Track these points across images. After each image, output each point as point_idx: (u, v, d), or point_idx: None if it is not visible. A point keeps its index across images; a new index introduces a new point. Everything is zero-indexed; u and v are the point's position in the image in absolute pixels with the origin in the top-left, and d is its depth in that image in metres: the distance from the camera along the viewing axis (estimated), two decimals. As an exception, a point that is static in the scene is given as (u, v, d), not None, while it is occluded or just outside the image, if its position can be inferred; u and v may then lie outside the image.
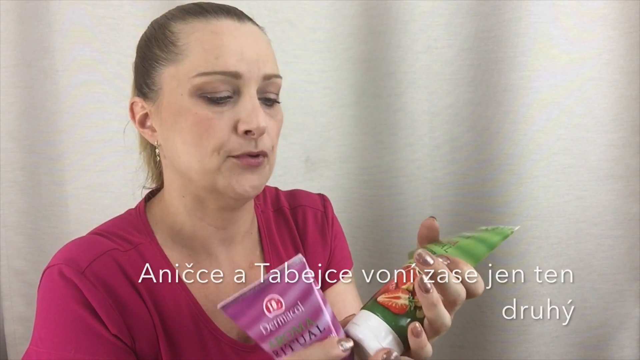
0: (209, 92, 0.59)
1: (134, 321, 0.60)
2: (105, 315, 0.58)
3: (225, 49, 0.59)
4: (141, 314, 0.61)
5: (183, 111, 0.60)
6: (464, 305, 1.24)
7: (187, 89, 0.60)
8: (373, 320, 0.52)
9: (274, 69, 0.63)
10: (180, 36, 0.61)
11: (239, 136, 0.60)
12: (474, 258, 0.54)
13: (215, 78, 0.59)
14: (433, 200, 1.09)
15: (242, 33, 0.61)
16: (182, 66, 0.60)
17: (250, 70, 0.60)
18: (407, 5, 1.02)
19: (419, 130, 1.07)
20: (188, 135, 0.60)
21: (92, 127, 1.04)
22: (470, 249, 0.55)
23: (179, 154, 0.62)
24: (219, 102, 0.60)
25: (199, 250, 0.67)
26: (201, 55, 0.59)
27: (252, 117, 0.59)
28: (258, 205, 0.75)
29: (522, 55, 1.00)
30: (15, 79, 1.03)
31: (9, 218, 1.07)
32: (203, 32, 0.60)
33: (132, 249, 0.63)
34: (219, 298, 0.66)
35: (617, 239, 1.07)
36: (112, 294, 0.59)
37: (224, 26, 0.61)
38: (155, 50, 0.63)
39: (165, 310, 0.62)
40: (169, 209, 0.67)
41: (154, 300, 0.62)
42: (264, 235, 0.73)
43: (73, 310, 0.57)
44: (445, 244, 0.56)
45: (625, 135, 1.04)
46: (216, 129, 0.59)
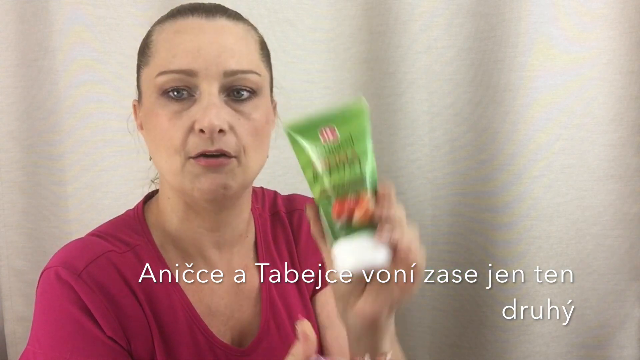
0: (169, 90, 0.59)
1: (130, 323, 0.60)
2: (101, 318, 0.58)
3: (182, 47, 0.59)
4: (137, 317, 0.61)
5: (150, 112, 0.61)
6: (464, 305, 1.24)
7: (152, 89, 0.60)
8: None
9: (241, 65, 0.60)
10: (152, 39, 0.63)
11: (196, 135, 0.58)
12: None
13: (172, 77, 0.59)
14: (433, 200, 1.09)
15: (205, 30, 0.60)
16: (149, 68, 0.61)
17: (207, 67, 0.58)
18: (407, 5, 1.02)
19: (419, 130, 1.07)
20: (155, 137, 0.61)
21: (92, 127, 1.04)
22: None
23: (153, 155, 0.63)
24: (179, 101, 0.59)
25: (193, 253, 0.67)
26: (162, 55, 0.60)
27: (204, 116, 0.57)
28: (256, 209, 0.75)
29: (522, 55, 1.00)
30: (15, 79, 1.03)
31: (9, 218, 1.07)
32: (168, 32, 0.61)
33: (129, 251, 0.63)
34: (212, 301, 0.66)
35: (617, 239, 1.07)
36: (109, 296, 0.59)
37: (187, 24, 0.61)
38: (139, 55, 0.65)
39: (161, 312, 0.62)
40: (162, 211, 0.67)
41: (150, 303, 0.62)
42: (259, 239, 0.73)
43: (69, 312, 0.58)
44: None
45: (625, 135, 1.04)
46: (173, 130, 0.59)
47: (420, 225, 1.16)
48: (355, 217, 0.51)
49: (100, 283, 0.59)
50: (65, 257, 0.61)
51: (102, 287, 0.59)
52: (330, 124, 0.53)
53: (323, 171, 0.53)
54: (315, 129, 0.53)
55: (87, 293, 0.58)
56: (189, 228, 0.66)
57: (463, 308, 1.11)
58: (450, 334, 1.13)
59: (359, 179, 0.52)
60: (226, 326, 0.67)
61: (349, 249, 0.51)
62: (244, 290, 0.69)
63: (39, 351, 0.58)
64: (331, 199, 0.53)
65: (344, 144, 0.53)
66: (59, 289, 0.58)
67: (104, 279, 0.59)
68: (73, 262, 0.59)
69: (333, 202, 0.52)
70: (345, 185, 0.52)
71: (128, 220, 0.67)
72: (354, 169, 0.52)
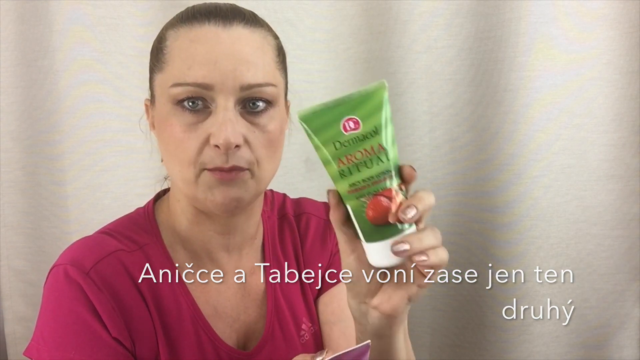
0: (184, 100, 0.58)
1: (136, 324, 0.60)
2: (107, 317, 0.58)
3: (198, 59, 0.58)
4: (143, 317, 0.61)
5: (164, 120, 0.60)
6: (464, 305, 1.24)
7: (166, 98, 0.59)
8: None
9: (258, 78, 0.59)
10: (167, 44, 0.61)
11: (211, 149, 0.58)
12: None
13: (187, 89, 0.58)
14: (433, 200, 1.09)
15: (222, 40, 0.58)
16: (164, 74, 0.60)
17: (224, 81, 0.57)
18: (407, 5, 1.02)
19: (419, 130, 1.07)
20: (169, 146, 0.60)
21: (92, 127, 1.04)
22: None
23: (166, 161, 0.62)
24: (194, 112, 0.58)
25: (201, 255, 0.67)
26: (177, 65, 0.59)
27: (220, 132, 0.56)
28: (265, 211, 0.74)
29: (522, 55, 1.00)
30: (15, 79, 1.03)
31: (9, 218, 1.07)
32: (183, 40, 0.59)
33: (138, 250, 0.63)
34: (219, 303, 0.66)
35: (617, 239, 1.07)
36: (116, 296, 0.59)
37: (203, 33, 0.59)
38: (152, 57, 0.64)
39: (167, 313, 0.62)
40: (172, 211, 0.67)
41: (156, 303, 0.62)
42: (266, 241, 0.73)
43: (75, 311, 0.58)
44: None
45: (625, 135, 1.04)
46: (188, 142, 0.58)
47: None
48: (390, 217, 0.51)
49: (108, 283, 0.59)
50: (74, 255, 0.61)
51: (110, 287, 0.59)
52: (352, 114, 0.50)
53: (348, 166, 0.50)
54: (336, 121, 0.51)
55: (95, 292, 0.58)
56: (199, 230, 0.66)
57: (463, 308, 1.11)
58: (450, 334, 1.13)
59: (386, 170, 0.51)
60: (232, 328, 0.67)
61: (383, 247, 0.51)
62: (251, 293, 0.69)
63: (43, 348, 0.58)
64: (361, 197, 0.51)
65: (367, 134, 0.50)
66: (67, 287, 0.58)
67: (111, 279, 0.59)
68: (82, 260, 0.59)
69: (365, 202, 0.51)
70: (373, 178, 0.51)
71: (138, 219, 0.67)
72: (381, 159, 0.50)
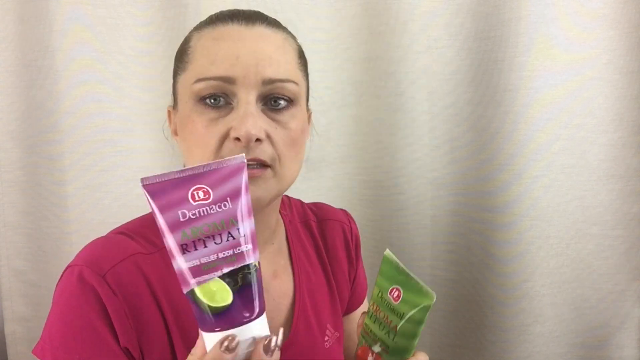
0: (206, 98, 0.59)
1: (148, 331, 0.59)
2: (119, 324, 0.57)
3: (221, 54, 0.58)
4: (156, 324, 0.59)
5: (186, 118, 0.61)
6: (464, 305, 1.24)
7: (189, 96, 0.60)
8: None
9: (279, 73, 0.59)
10: (191, 44, 0.62)
11: (231, 142, 0.58)
12: None
13: (210, 84, 0.58)
14: (433, 200, 1.09)
15: (244, 37, 0.60)
16: (187, 73, 0.61)
17: (246, 75, 0.58)
18: (407, 5, 1.02)
19: (419, 130, 1.07)
20: (190, 142, 0.60)
21: (92, 127, 1.04)
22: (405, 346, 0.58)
23: (187, 162, 0.62)
24: (216, 108, 0.59)
25: None
26: (200, 62, 0.59)
27: (241, 124, 0.57)
28: (285, 216, 0.74)
29: (522, 55, 1.00)
30: (15, 79, 1.03)
31: (9, 218, 1.07)
32: (206, 39, 0.61)
33: (156, 252, 0.62)
34: None
35: (617, 239, 1.07)
36: (130, 302, 0.58)
37: (226, 31, 0.60)
38: (176, 61, 0.64)
39: (185, 317, 0.61)
40: None
41: (172, 308, 0.60)
42: (293, 246, 0.72)
43: (86, 316, 0.56)
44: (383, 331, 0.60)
45: (625, 135, 1.04)
46: (208, 137, 0.58)
47: (420, 225, 1.16)
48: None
49: (123, 287, 0.57)
50: (91, 256, 0.59)
51: (125, 292, 0.57)
52: (401, 287, 0.58)
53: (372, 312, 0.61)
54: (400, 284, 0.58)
55: (109, 296, 0.56)
56: None
57: (463, 308, 1.11)
58: (450, 334, 1.13)
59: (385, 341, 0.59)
60: None
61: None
62: (275, 297, 0.68)
63: (48, 347, 0.57)
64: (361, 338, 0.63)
65: (397, 308, 0.58)
66: (80, 290, 0.57)
67: (127, 284, 0.58)
68: (99, 262, 0.58)
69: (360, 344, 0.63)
70: (376, 338, 0.60)
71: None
72: (389, 335, 0.58)
